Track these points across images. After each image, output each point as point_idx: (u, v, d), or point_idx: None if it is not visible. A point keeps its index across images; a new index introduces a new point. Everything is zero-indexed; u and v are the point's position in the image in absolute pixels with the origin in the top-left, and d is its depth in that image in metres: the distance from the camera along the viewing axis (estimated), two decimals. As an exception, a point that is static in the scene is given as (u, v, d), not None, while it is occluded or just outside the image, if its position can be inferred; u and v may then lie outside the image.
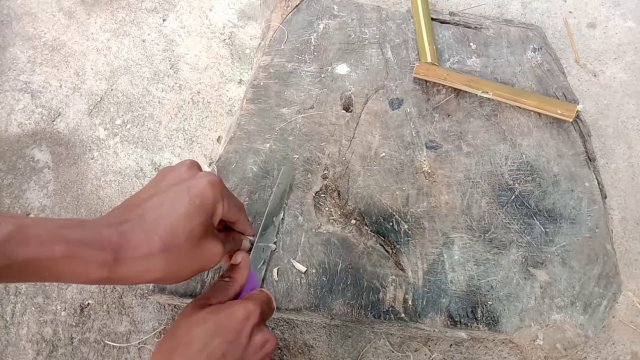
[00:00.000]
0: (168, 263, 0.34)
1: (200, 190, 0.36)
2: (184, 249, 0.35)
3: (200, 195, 0.36)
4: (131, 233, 0.33)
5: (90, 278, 0.31)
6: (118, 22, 0.81)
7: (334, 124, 0.61)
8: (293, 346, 0.55)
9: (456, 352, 0.55)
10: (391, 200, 0.56)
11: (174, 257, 0.34)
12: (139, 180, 0.66)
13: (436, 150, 0.60)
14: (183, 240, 0.34)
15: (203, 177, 0.38)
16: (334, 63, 0.67)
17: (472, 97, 0.65)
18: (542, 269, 0.52)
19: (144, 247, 0.33)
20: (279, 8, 0.72)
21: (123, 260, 0.32)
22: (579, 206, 0.57)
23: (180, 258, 0.35)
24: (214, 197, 0.37)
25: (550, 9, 0.86)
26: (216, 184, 0.38)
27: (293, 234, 0.53)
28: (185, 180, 0.38)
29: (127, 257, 0.32)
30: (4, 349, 0.54)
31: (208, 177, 0.38)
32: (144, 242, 0.33)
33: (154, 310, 0.56)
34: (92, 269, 0.31)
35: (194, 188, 0.36)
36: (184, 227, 0.34)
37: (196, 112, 0.72)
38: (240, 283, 0.43)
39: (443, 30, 0.71)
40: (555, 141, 0.61)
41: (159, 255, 0.33)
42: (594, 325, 0.50)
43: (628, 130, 0.72)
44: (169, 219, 0.34)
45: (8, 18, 0.81)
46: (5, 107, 0.71)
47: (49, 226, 0.30)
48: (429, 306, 0.50)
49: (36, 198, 0.64)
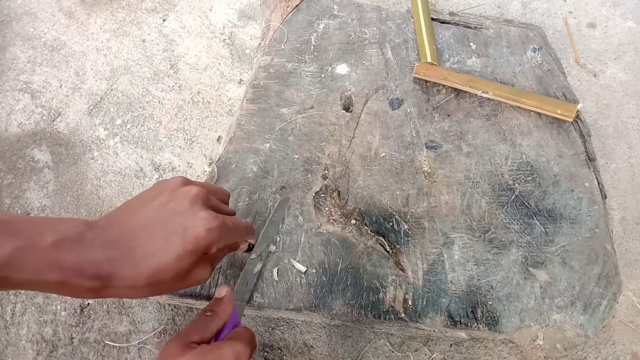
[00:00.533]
0: (152, 292, 0.35)
1: (195, 236, 0.35)
2: (168, 284, 0.35)
3: (194, 241, 0.35)
4: (120, 264, 0.33)
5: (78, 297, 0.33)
6: (118, 22, 0.81)
7: (334, 124, 0.61)
8: (293, 346, 0.55)
9: (456, 352, 0.55)
10: (391, 200, 0.56)
11: (158, 289, 0.35)
12: (139, 180, 0.66)
13: (436, 150, 0.60)
14: (169, 278, 0.35)
15: (201, 221, 0.36)
16: (334, 63, 0.67)
17: (472, 97, 0.65)
18: (542, 269, 0.52)
19: (131, 280, 0.33)
20: (279, 8, 0.72)
21: (110, 287, 0.33)
22: (579, 206, 0.57)
23: (165, 289, 0.36)
24: (207, 243, 0.36)
25: (550, 9, 0.86)
26: (213, 231, 0.36)
27: (293, 234, 0.53)
28: (184, 216, 0.36)
29: (113, 285, 0.33)
30: (4, 349, 0.54)
31: (206, 223, 0.36)
32: (130, 275, 0.33)
33: (154, 310, 0.56)
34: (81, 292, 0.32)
35: (189, 232, 0.35)
36: (170, 270, 0.34)
37: (196, 112, 0.72)
38: (223, 319, 0.41)
39: (443, 30, 0.71)
40: (555, 141, 0.61)
41: (143, 288, 0.34)
42: (594, 325, 0.50)
43: (628, 130, 0.72)
44: (158, 260, 0.34)
45: (8, 18, 0.81)
46: (5, 107, 0.71)
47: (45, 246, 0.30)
48: (429, 306, 0.50)
49: (36, 198, 0.64)
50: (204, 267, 0.37)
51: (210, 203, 0.39)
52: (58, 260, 0.30)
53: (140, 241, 0.34)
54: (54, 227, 0.32)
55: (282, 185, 0.56)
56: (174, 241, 0.35)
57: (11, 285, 0.30)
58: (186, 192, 0.38)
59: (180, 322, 0.56)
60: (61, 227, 0.32)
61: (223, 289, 0.42)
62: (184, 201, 0.37)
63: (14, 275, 0.29)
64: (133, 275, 0.33)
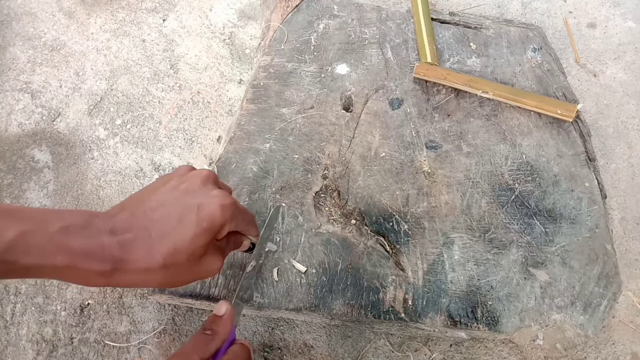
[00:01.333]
0: (166, 277, 0.34)
1: (210, 213, 0.35)
2: (183, 267, 0.35)
3: (209, 218, 0.35)
4: (133, 246, 0.32)
5: (88, 283, 0.32)
6: (118, 22, 0.81)
7: (334, 124, 0.61)
8: (293, 346, 0.55)
9: (456, 352, 0.55)
10: (391, 200, 0.56)
11: (172, 273, 0.34)
12: (139, 180, 0.66)
13: (436, 150, 0.60)
14: (184, 260, 0.34)
15: (215, 198, 0.36)
16: (334, 63, 0.67)
17: (472, 97, 0.65)
18: (542, 269, 0.52)
19: (144, 262, 0.33)
20: (279, 8, 0.72)
21: (122, 270, 0.32)
22: (579, 206, 0.57)
23: (179, 274, 0.35)
24: (222, 221, 0.36)
25: (550, 9, 0.86)
26: (227, 208, 0.36)
27: (293, 234, 0.53)
28: (197, 195, 0.36)
29: (126, 268, 0.32)
30: (4, 349, 0.54)
31: (220, 200, 0.36)
32: (144, 257, 0.33)
33: (154, 310, 0.56)
34: (90, 277, 0.31)
35: (204, 209, 0.35)
36: (186, 249, 0.34)
37: (196, 112, 0.72)
38: (223, 338, 0.41)
39: (443, 30, 0.71)
40: (555, 141, 0.61)
41: (157, 270, 0.33)
42: (594, 325, 0.50)
43: (628, 130, 0.72)
44: (174, 239, 0.34)
45: (8, 18, 0.81)
46: (5, 107, 0.71)
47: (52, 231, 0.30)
48: (429, 306, 0.50)
49: (36, 198, 0.64)
50: (215, 255, 0.37)
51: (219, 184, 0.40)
52: (66, 243, 0.30)
53: (154, 222, 0.34)
54: (61, 215, 0.32)
55: (282, 185, 0.56)
56: (189, 219, 0.34)
57: (18, 271, 0.29)
58: (197, 174, 0.38)
59: (180, 322, 0.56)
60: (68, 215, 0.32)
61: (223, 305, 0.42)
62: (196, 181, 0.37)
63: (21, 260, 0.28)
64: (147, 255, 0.33)
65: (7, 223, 0.29)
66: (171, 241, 0.33)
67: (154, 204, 0.35)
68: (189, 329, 0.55)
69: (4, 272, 0.29)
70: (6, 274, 0.29)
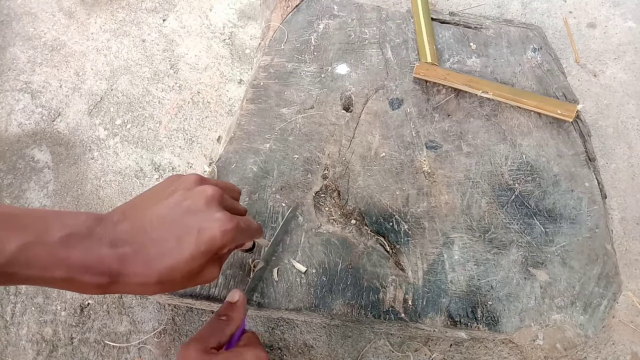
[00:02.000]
0: (161, 290, 0.35)
1: (210, 238, 0.34)
2: (178, 283, 0.35)
3: (209, 242, 0.34)
4: (132, 261, 0.33)
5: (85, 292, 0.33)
6: (118, 22, 0.81)
7: (334, 124, 0.61)
8: (293, 346, 0.55)
9: (456, 352, 0.55)
10: (391, 200, 0.56)
11: (167, 287, 0.35)
12: (139, 180, 0.66)
13: (436, 150, 0.60)
14: (180, 277, 0.34)
15: (217, 222, 0.35)
16: (334, 63, 0.67)
17: (472, 97, 0.65)
18: (542, 269, 0.52)
19: (141, 278, 0.33)
20: (279, 8, 0.72)
21: (118, 283, 0.32)
22: (579, 206, 0.57)
23: (174, 287, 0.36)
24: (222, 245, 0.35)
25: (550, 9, 0.86)
26: (228, 233, 0.35)
27: (293, 234, 0.53)
28: (199, 216, 0.35)
29: (122, 281, 0.32)
30: (4, 349, 0.54)
31: (221, 225, 0.35)
32: (141, 273, 0.33)
33: (154, 310, 0.56)
34: (88, 288, 0.32)
35: (204, 233, 0.34)
36: (182, 269, 0.34)
37: (196, 112, 0.72)
38: (237, 324, 0.41)
39: (443, 30, 0.71)
40: (555, 141, 0.61)
41: (153, 285, 0.34)
42: (594, 325, 0.50)
43: (628, 130, 0.72)
44: (171, 259, 0.34)
45: (8, 18, 0.81)
46: (5, 107, 0.71)
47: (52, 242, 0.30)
48: (429, 306, 0.50)
49: (36, 198, 0.64)
50: (213, 267, 0.37)
51: (225, 203, 0.38)
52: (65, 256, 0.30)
53: (153, 239, 0.34)
54: (62, 221, 0.31)
55: (282, 185, 0.56)
56: (188, 241, 0.34)
57: (18, 280, 0.30)
58: (202, 192, 0.37)
59: (180, 322, 0.56)
60: (70, 221, 0.32)
61: (236, 293, 0.43)
62: (200, 201, 0.36)
63: (20, 272, 0.29)
64: (144, 272, 0.33)
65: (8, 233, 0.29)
66: (168, 261, 0.34)
67: (155, 220, 0.35)
68: (189, 329, 0.55)
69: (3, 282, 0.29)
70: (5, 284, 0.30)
